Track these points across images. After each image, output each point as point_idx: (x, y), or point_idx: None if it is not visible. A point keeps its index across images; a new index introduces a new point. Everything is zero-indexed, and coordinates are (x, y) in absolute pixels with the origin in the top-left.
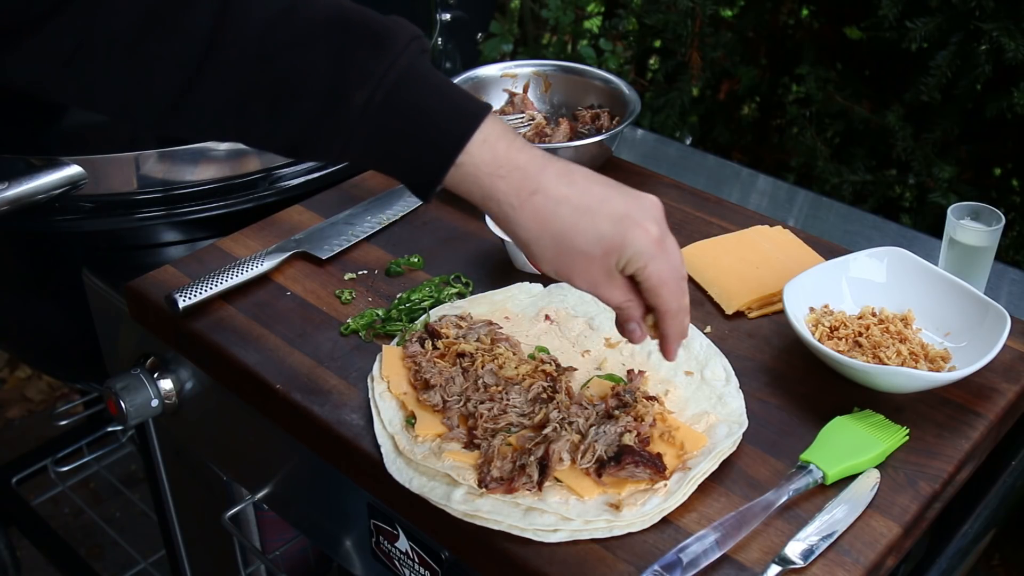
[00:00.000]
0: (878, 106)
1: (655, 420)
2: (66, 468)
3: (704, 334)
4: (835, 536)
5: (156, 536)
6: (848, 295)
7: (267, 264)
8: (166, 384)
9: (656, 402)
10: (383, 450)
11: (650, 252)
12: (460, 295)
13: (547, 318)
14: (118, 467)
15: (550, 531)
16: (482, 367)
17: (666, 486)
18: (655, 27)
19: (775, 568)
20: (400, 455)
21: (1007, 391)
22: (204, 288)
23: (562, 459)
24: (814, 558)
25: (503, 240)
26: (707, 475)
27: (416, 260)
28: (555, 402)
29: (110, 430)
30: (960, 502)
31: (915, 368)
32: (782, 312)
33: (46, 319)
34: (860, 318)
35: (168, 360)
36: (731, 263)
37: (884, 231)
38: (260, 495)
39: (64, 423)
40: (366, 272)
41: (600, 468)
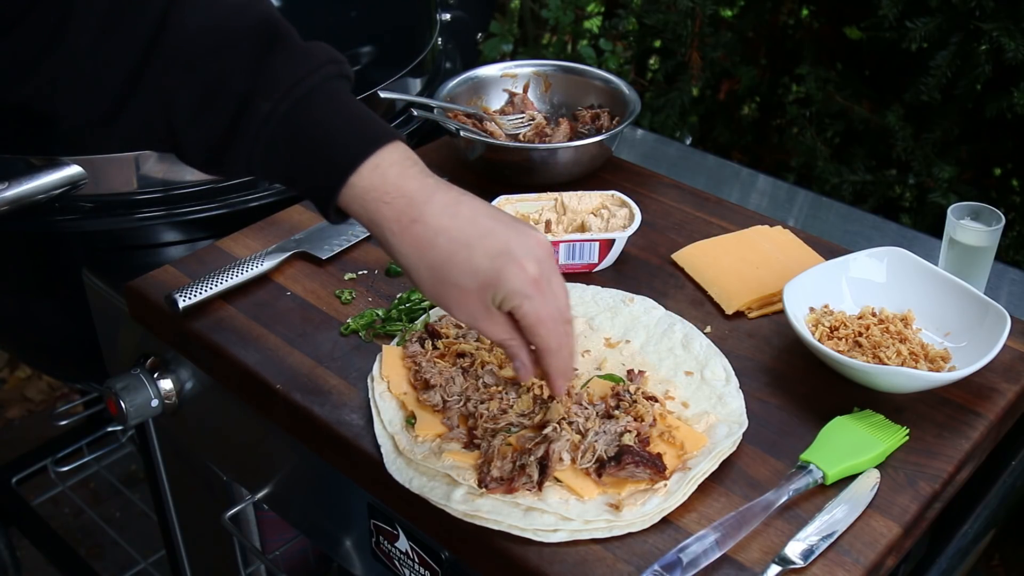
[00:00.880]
0: (878, 106)
1: (655, 420)
2: (66, 468)
3: (704, 334)
4: (835, 536)
5: (156, 536)
6: (848, 295)
7: (267, 264)
8: (166, 384)
9: (656, 402)
10: (383, 450)
11: (525, 291)
12: None
13: None
14: (118, 467)
15: (550, 531)
16: (482, 367)
17: (666, 486)
18: (655, 27)
19: (775, 568)
20: (400, 455)
21: (1007, 391)
22: (204, 288)
23: (562, 459)
24: (814, 558)
25: None
26: (707, 475)
27: None
28: (555, 402)
29: (110, 430)
30: (960, 502)
31: (915, 368)
32: (782, 312)
33: (46, 319)
34: (860, 318)
35: (168, 360)
36: (731, 263)
37: (884, 231)
38: (260, 495)
39: (64, 423)
40: (366, 272)
41: (600, 468)
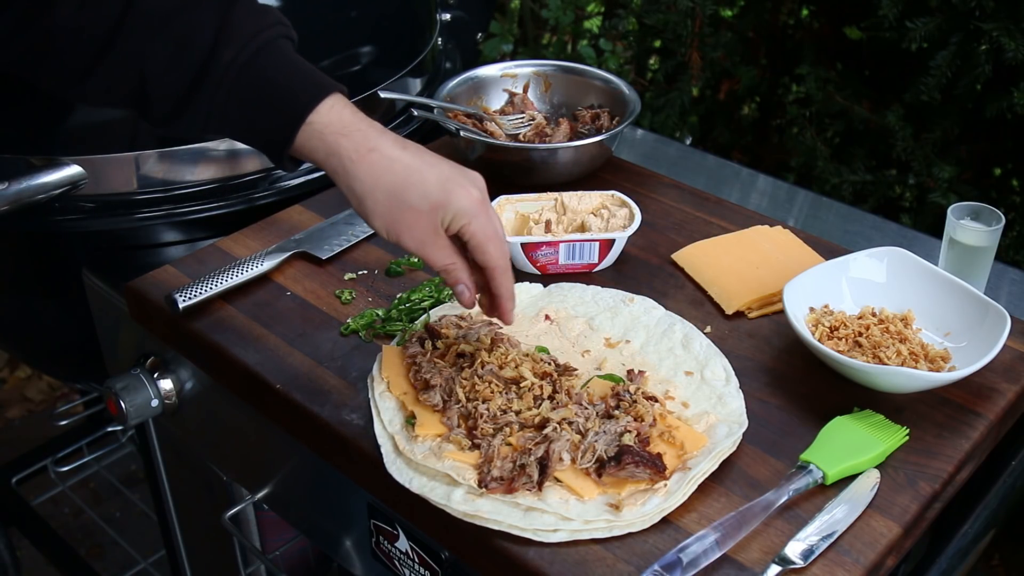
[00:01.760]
0: (878, 106)
1: (655, 420)
2: (66, 468)
3: (704, 334)
4: (835, 536)
5: (156, 536)
6: (848, 295)
7: (267, 264)
8: (166, 384)
9: (656, 402)
10: (383, 450)
11: (473, 210)
12: None
13: (547, 318)
14: (118, 467)
15: (550, 531)
16: (482, 367)
17: (666, 486)
18: (655, 27)
19: (775, 568)
20: (400, 455)
21: (1007, 391)
22: (204, 288)
23: (562, 459)
24: (814, 558)
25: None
26: (707, 475)
27: (416, 260)
28: (555, 402)
29: (110, 430)
30: (960, 502)
31: (915, 368)
32: (782, 312)
33: (46, 319)
34: (860, 318)
35: (168, 360)
36: (731, 263)
37: (884, 231)
38: (260, 495)
39: (64, 423)
40: (366, 272)
41: (600, 468)
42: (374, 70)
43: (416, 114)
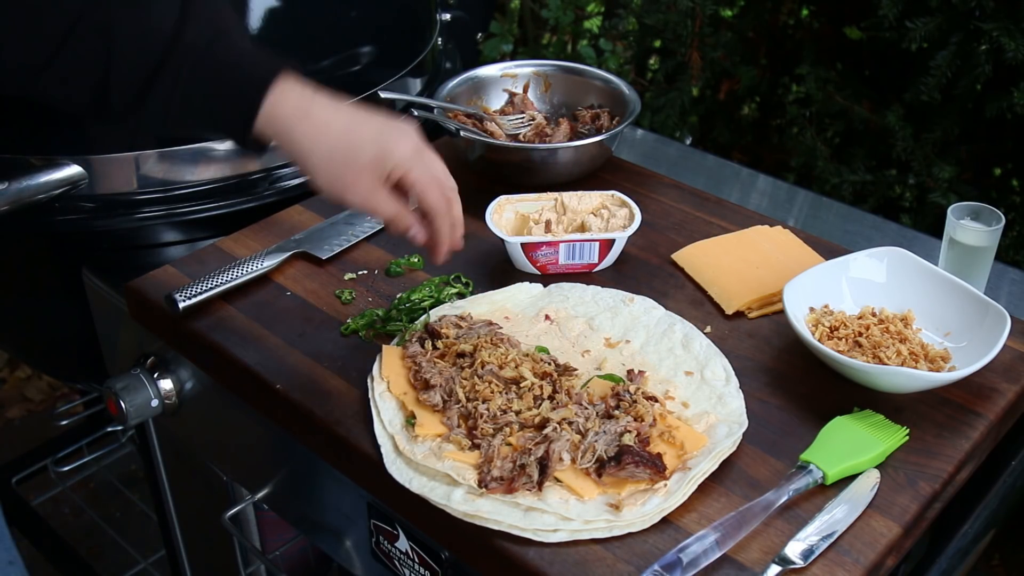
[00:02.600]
0: (878, 106)
1: (655, 420)
2: (66, 468)
3: (704, 334)
4: (835, 536)
5: (156, 536)
6: (848, 295)
7: (267, 264)
8: (166, 384)
9: (656, 402)
10: (383, 450)
11: (410, 159)
12: (460, 295)
13: (547, 318)
14: (118, 467)
15: (550, 531)
16: (482, 367)
17: (666, 486)
18: (655, 27)
19: (775, 568)
20: (400, 455)
21: (1007, 391)
22: (204, 288)
23: (562, 459)
24: (814, 558)
25: (503, 240)
26: (707, 475)
27: (416, 260)
28: (555, 402)
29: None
30: (960, 502)
31: (915, 368)
32: (782, 312)
33: (46, 319)
34: (860, 318)
35: (168, 360)
36: (731, 263)
37: (884, 231)
38: (260, 495)
39: (64, 423)
40: (366, 272)
41: (600, 468)
42: (374, 70)
43: (416, 114)
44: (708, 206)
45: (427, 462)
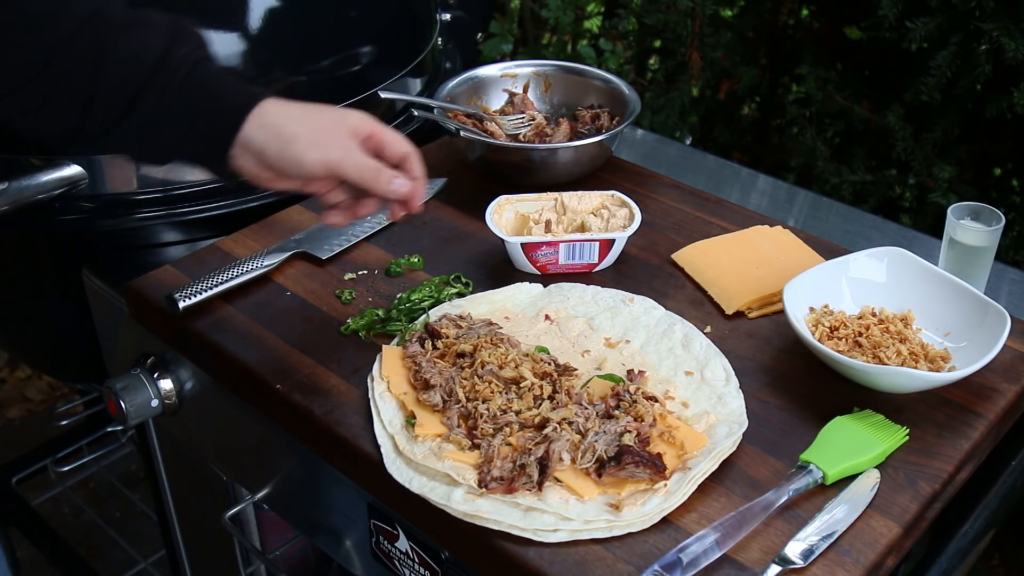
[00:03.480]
0: (878, 106)
1: (655, 420)
2: (66, 468)
3: (704, 334)
4: (835, 536)
5: (156, 536)
6: (848, 295)
7: (267, 264)
8: (166, 384)
9: (656, 402)
10: (383, 450)
11: (379, 126)
12: (460, 295)
13: (547, 318)
14: (118, 467)
15: (550, 531)
16: (482, 367)
17: (666, 486)
18: (655, 27)
19: (775, 568)
20: (400, 455)
21: (1007, 391)
22: (204, 288)
23: (562, 459)
24: (814, 558)
25: (503, 240)
26: (707, 475)
27: (416, 260)
28: (555, 402)
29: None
30: (960, 502)
31: (915, 368)
32: (782, 312)
33: (46, 319)
34: (860, 318)
35: (168, 360)
36: (731, 263)
37: (884, 231)
38: (260, 495)
39: (64, 423)
40: (366, 272)
41: (600, 468)
42: (374, 70)
43: (416, 114)
44: (708, 206)
45: (427, 462)
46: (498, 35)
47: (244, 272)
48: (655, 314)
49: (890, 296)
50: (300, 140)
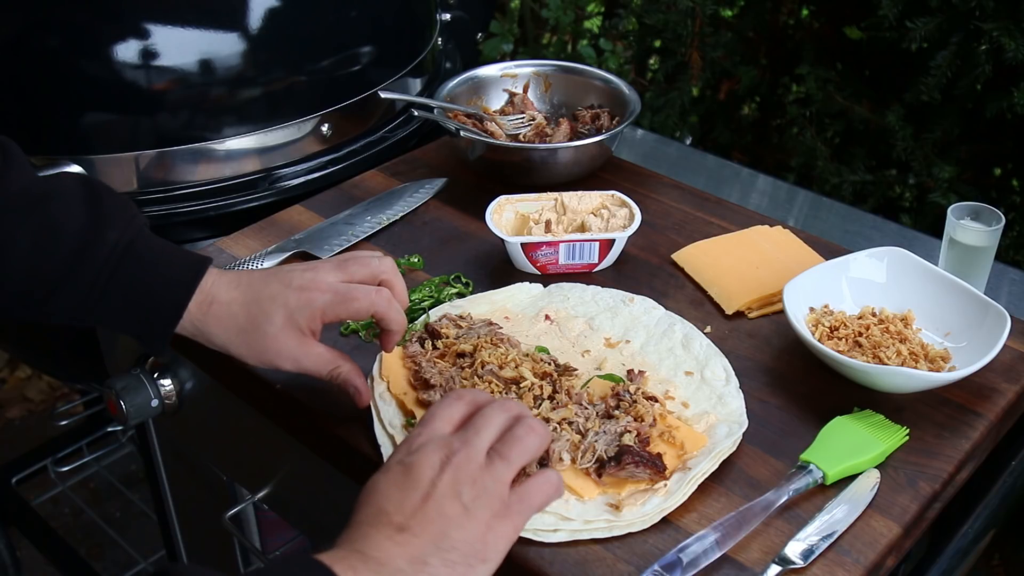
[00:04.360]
0: (878, 106)
1: (655, 420)
2: (66, 468)
3: (704, 334)
4: (835, 536)
5: (156, 536)
6: (848, 295)
7: (267, 264)
8: (166, 384)
9: (656, 402)
10: (383, 450)
11: (322, 299)
12: (460, 295)
13: (547, 318)
14: (118, 467)
15: (550, 531)
16: (482, 367)
17: (666, 486)
18: (655, 27)
19: (775, 568)
20: None
21: (1007, 391)
22: None
23: (562, 459)
24: (814, 558)
25: (503, 240)
26: (707, 475)
27: (416, 260)
28: (555, 402)
29: (110, 430)
30: (960, 502)
31: (915, 368)
32: (782, 312)
33: None
34: (860, 318)
35: (168, 360)
36: (731, 263)
37: (884, 231)
38: (260, 495)
39: (64, 423)
40: None
41: (600, 468)
42: (374, 70)
43: (416, 114)
44: (708, 206)
45: None
46: (498, 35)
47: None
48: (655, 314)
49: (890, 296)
50: (243, 355)
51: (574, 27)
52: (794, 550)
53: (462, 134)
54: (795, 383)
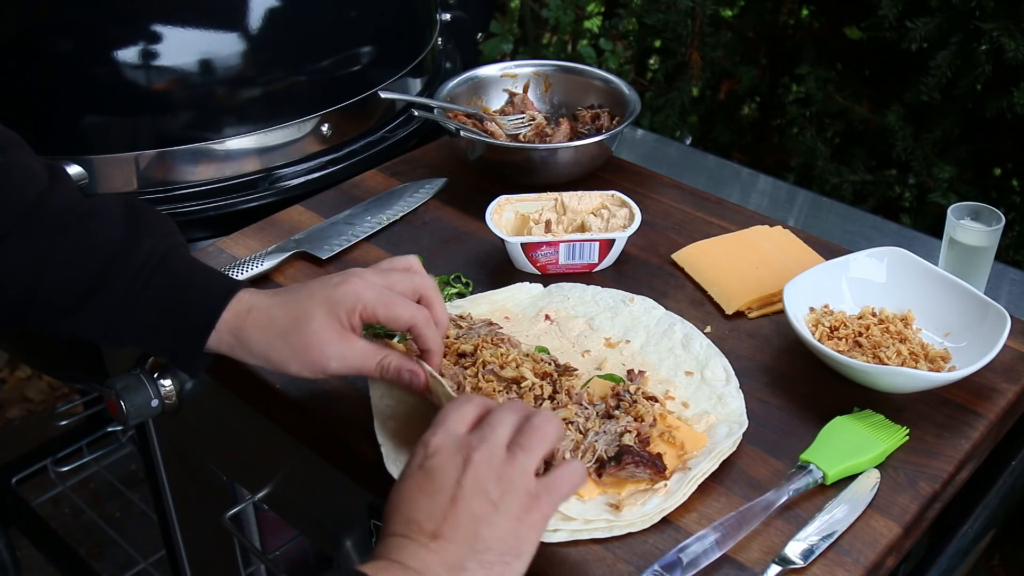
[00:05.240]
0: (878, 106)
1: (655, 420)
2: (66, 468)
3: (704, 334)
4: (835, 536)
5: (156, 536)
6: (848, 295)
7: (267, 264)
8: (166, 384)
9: (656, 402)
10: (383, 450)
11: (361, 296)
12: (460, 295)
13: (547, 318)
14: (118, 467)
15: (550, 531)
16: (483, 367)
17: (666, 486)
18: (655, 27)
19: (775, 568)
20: (400, 455)
21: (1007, 391)
22: None
23: (564, 459)
24: (814, 558)
25: (503, 240)
26: (707, 475)
27: None
28: (555, 402)
29: (110, 430)
30: (960, 502)
31: (915, 368)
32: (782, 312)
33: None
34: (860, 318)
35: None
36: (731, 263)
37: (884, 231)
38: (260, 495)
39: (64, 423)
40: None
41: (600, 468)
42: (374, 70)
43: (416, 114)
44: (708, 206)
45: None
46: (498, 35)
47: (244, 272)
48: (655, 314)
49: (890, 296)
50: (289, 363)
51: (574, 27)
52: (794, 550)
53: (462, 134)
54: (795, 383)
